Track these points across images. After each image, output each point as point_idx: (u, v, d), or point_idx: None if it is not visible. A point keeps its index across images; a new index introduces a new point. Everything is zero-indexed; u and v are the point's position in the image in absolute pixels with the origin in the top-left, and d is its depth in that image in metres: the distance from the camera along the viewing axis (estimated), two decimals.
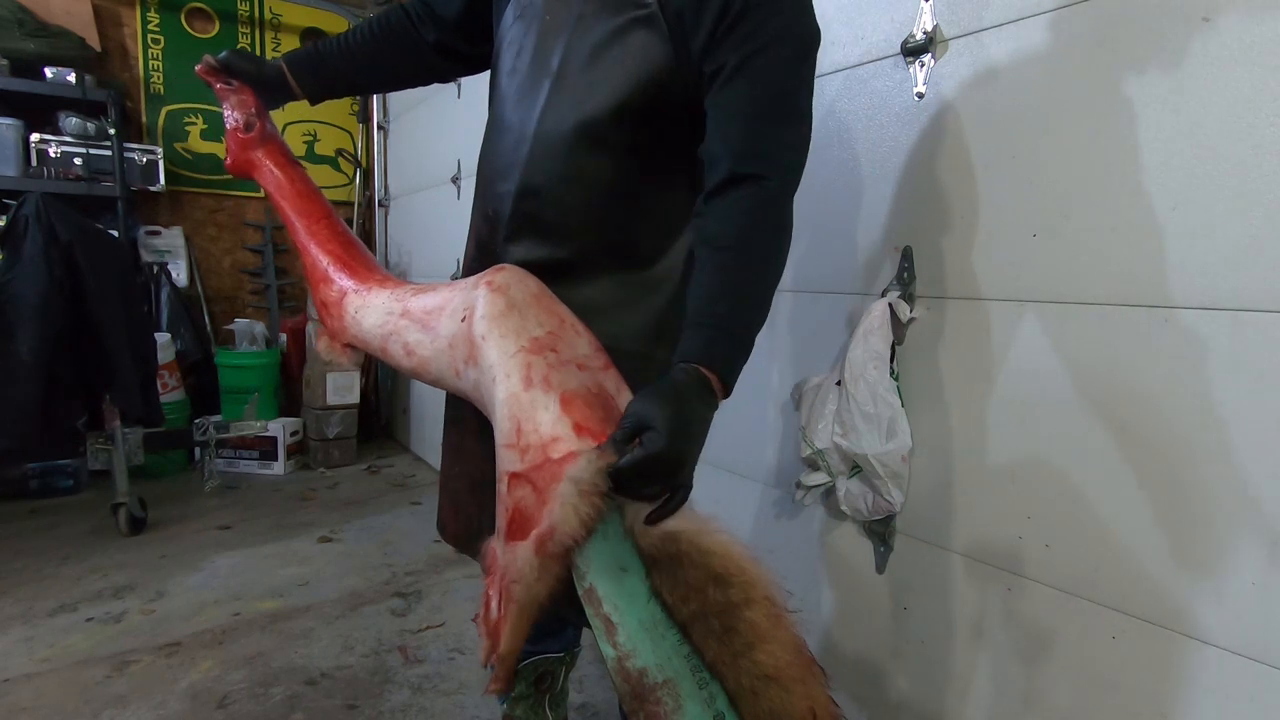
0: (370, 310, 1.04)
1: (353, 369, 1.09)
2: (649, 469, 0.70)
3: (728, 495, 1.64)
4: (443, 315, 0.94)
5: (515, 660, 0.81)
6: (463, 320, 0.89)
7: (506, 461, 0.80)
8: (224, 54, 1.14)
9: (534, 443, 0.77)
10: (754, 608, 0.69)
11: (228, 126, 1.16)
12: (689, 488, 0.75)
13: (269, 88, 1.16)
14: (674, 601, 0.71)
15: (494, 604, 0.80)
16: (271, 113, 1.21)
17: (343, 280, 1.09)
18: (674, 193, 0.97)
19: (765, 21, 0.84)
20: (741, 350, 0.81)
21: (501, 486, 0.81)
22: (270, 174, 1.17)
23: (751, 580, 0.70)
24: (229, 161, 1.19)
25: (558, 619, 1.23)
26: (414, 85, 1.26)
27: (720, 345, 0.79)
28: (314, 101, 1.22)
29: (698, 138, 0.93)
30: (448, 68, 1.21)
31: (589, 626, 0.76)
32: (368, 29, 1.17)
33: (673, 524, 0.72)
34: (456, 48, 1.16)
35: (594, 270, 0.95)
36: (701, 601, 0.70)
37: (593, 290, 0.95)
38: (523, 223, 0.96)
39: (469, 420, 1.05)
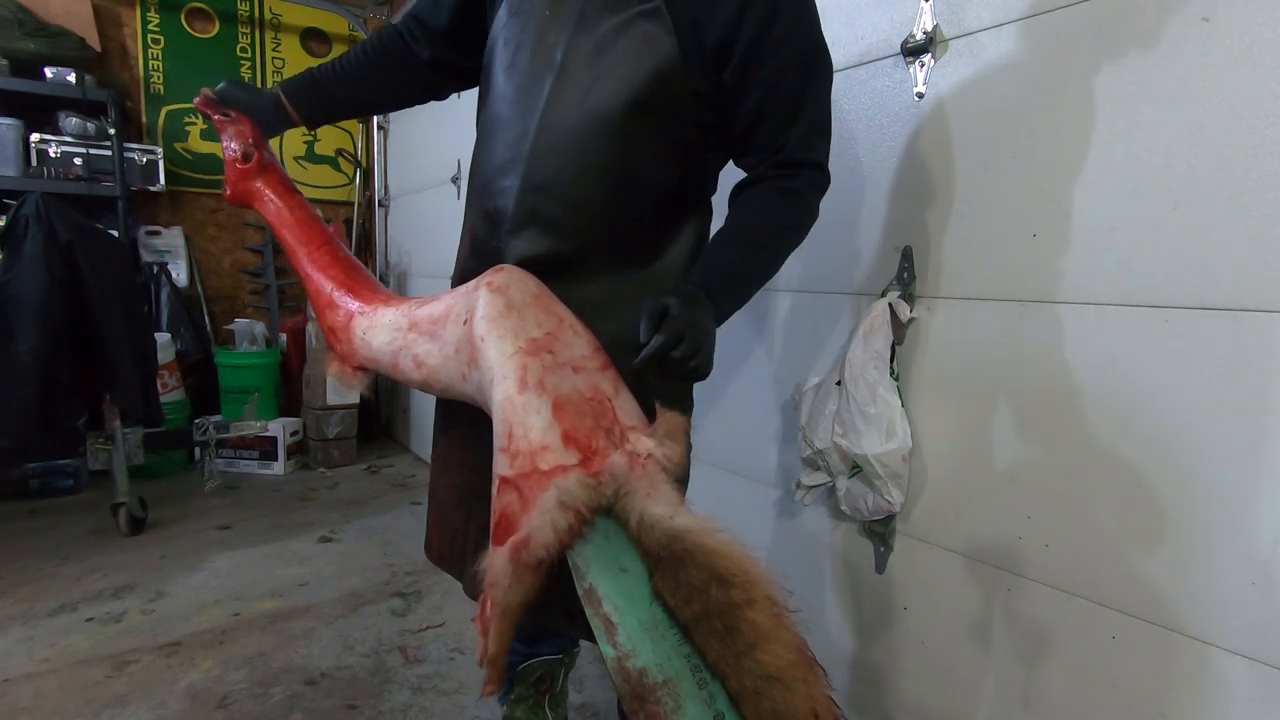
0: (378, 329, 1.03)
1: (364, 392, 1.09)
2: (679, 338, 0.78)
3: (728, 495, 1.64)
4: (448, 322, 0.94)
5: (504, 662, 0.81)
6: (465, 323, 0.89)
7: (499, 465, 0.80)
8: (221, 85, 1.15)
9: (523, 449, 0.77)
10: (756, 608, 0.69)
11: (226, 158, 1.17)
12: (709, 364, 0.82)
13: (266, 116, 1.16)
14: (676, 603, 0.71)
15: (487, 605, 0.80)
16: None
17: (348, 304, 1.08)
18: (676, 188, 0.97)
19: (789, 32, 0.89)
20: (734, 286, 0.90)
21: (493, 489, 0.81)
22: (269, 203, 1.17)
23: (753, 580, 0.70)
24: (228, 192, 1.19)
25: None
26: (410, 104, 1.26)
27: (715, 279, 0.88)
28: (311, 127, 1.22)
29: (702, 133, 0.94)
30: (443, 84, 1.19)
31: (578, 635, 0.76)
32: (361, 51, 1.16)
33: (679, 522, 0.72)
34: (451, 61, 1.14)
35: (596, 267, 0.95)
36: (704, 602, 0.70)
37: (594, 287, 0.95)
38: (527, 217, 0.95)
39: (458, 429, 1.04)
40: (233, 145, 1.15)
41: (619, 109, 0.90)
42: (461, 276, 1.05)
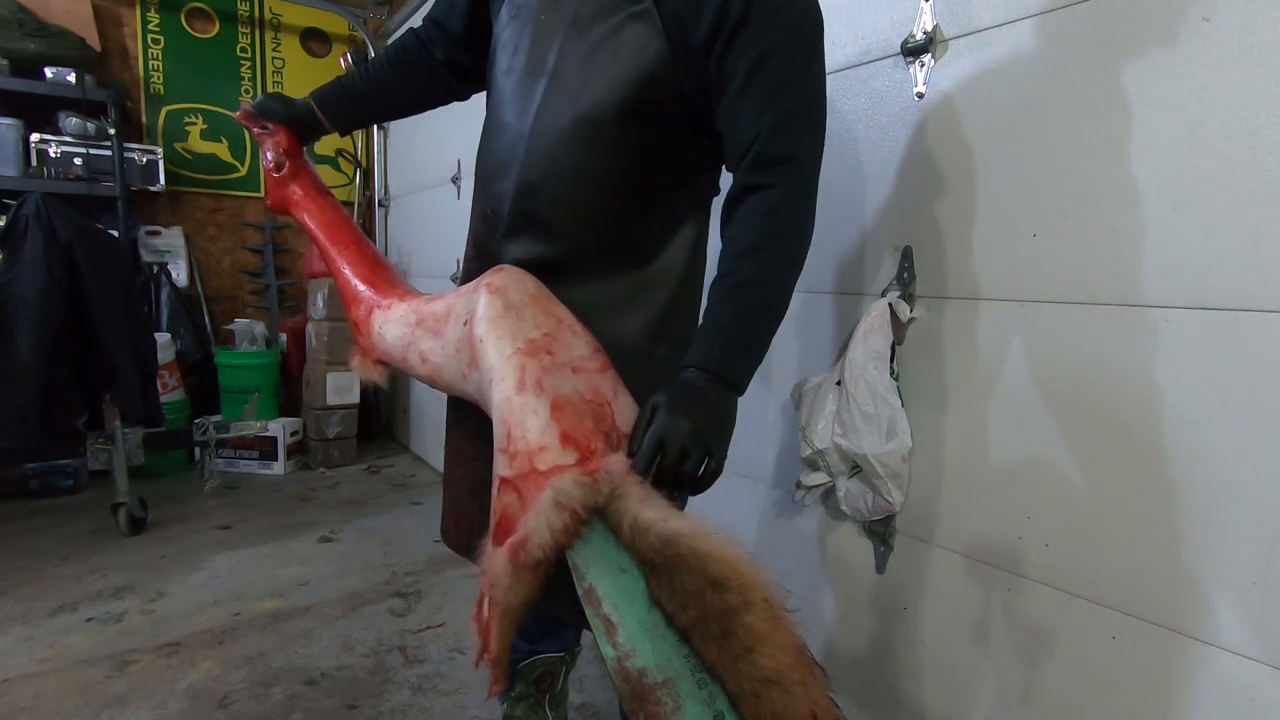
0: (391, 324, 1.06)
1: (381, 384, 1.14)
2: (661, 442, 0.76)
3: (728, 495, 1.64)
4: (449, 321, 0.95)
5: (507, 662, 0.81)
6: (465, 324, 0.89)
7: (498, 465, 0.80)
8: (258, 99, 1.23)
9: (522, 449, 0.77)
10: (752, 611, 0.69)
11: (264, 168, 1.26)
12: (717, 458, 0.80)
13: (301, 125, 1.23)
14: (673, 609, 0.71)
15: (484, 605, 0.80)
16: None
17: (369, 299, 1.13)
18: (670, 189, 0.97)
19: (769, 22, 0.84)
20: (742, 349, 0.84)
21: (494, 489, 0.81)
22: (303, 208, 1.25)
23: (749, 583, 0.70)
24: (268, 201, 1.29)
25: (554, 618, 1.23)
26: (434, 106, 1.27)
27: (717, 349, 0.83)
28: (343, 133, 1.29)
29: (694, 134, 0.93)
30: (461, 85, 1.21)
31: (586, 628, 0.77)
32: (385, 57, 1.20)
33: (672, 525, 0.72)
34: (464, 62, 1.16)
35: (591, 269, 0.95)
36: (700, 607, 0.69)
37: (591, 289, 0.95)
38: (520, 221, 0.96)
39: (470, 423, 1.05)
40: (269, 155, 1.24)
41: (608, 112, 0.89)
42: (467, 277, 1.07)
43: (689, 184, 0.99)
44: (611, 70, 0.89)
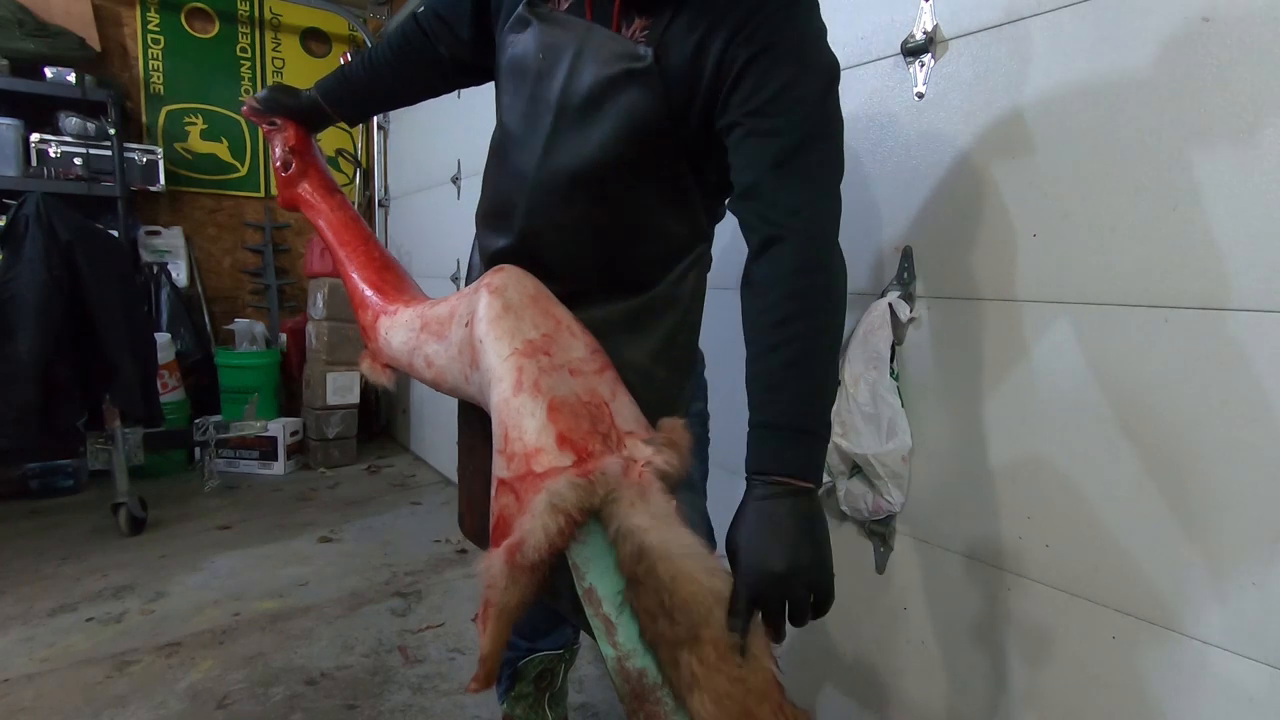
0: (397, 329, 1.06)
1: (389, 387, 1.15)
2: (750, 592, 0.71)
3: (728, 495, 1.63)
4: (452, 323, 0.95)
5: (496, 660, 0.81)
6: (466, 325, 0.90)
7: (496, 467, 0.80)
8: (263, 92, 1.21)
9: (518, 451, 0.77)
10: (697, 648, 0.67)
11: (274, 167, 1.26)
12: (823, 589, 0.74)
13: (308, 117, 1.22)
14: (643, 622, 0.71)
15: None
16: None
17: (376, 303, 1.13)
18: (671, 225, 0.97)
19: (769, 73, 0.81)
20: (802, 436, 0.77)
21: (493, 491, 0.81)
22: (312, 207, 1.24)
23: (700, 620, 0.68)
24: (278, 199, 1.29)
25: (553, 616, 1.24)
26: (440, 94, 1.27)
27: (769, 445, 0.78)
28: (352, 124, 1.28)
29: (697, 182, 0.93)
30: (465, 79, 1.21)
31: (584, 625, 0.77)
32: (387, 47, 1.19)
33: (649, 539, 0.71)
34: (467, 60, 1.15)
35: (593, 300, 0.96)
36: (653, 631, 0.70)
37: (592, 313, 0.95)
38: (522, 262, 0.97)
39: (478, 421, 1.05)
40: (277, 152, 1.23)
41: (608, 170, 0.89)
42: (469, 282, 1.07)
43: (693, 219, 0.99)
44: (610, 129, 0.88)
